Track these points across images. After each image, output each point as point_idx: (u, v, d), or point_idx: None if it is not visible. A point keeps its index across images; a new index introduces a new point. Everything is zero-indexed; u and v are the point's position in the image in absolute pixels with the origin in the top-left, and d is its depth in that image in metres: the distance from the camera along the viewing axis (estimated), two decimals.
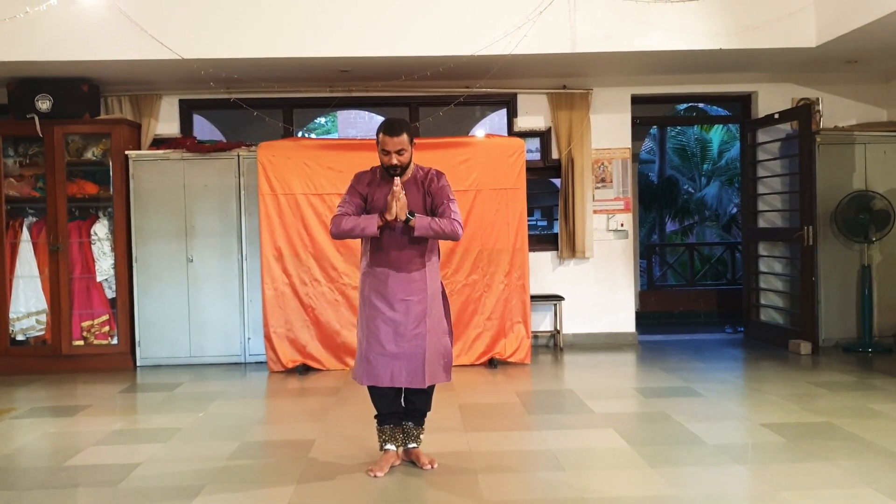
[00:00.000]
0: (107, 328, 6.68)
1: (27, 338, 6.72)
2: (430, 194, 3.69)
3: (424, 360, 3.62)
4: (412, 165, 3.72)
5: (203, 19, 6.02)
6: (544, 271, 7.26)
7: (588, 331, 7.32)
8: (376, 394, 3.75)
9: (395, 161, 3.60)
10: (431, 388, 3.82)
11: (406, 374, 3.63)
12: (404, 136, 3.60)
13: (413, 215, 3.56)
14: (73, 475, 3.86)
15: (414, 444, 3.83)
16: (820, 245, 6.82)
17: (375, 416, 3.82)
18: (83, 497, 3.58)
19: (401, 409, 3.81)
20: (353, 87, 7.14)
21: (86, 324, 6.65)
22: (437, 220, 3.61)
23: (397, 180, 3.57)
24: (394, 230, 3.63)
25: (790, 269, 7.25)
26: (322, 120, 16.46)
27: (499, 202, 6.46)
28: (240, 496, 3.50)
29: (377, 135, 3.67)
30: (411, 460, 3.82)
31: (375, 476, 3.65)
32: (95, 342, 6.64)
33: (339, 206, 3.72)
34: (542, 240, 7.81)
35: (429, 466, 3.75)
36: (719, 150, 15.47)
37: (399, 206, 3.51)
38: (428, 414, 3.89)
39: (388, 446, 3.77)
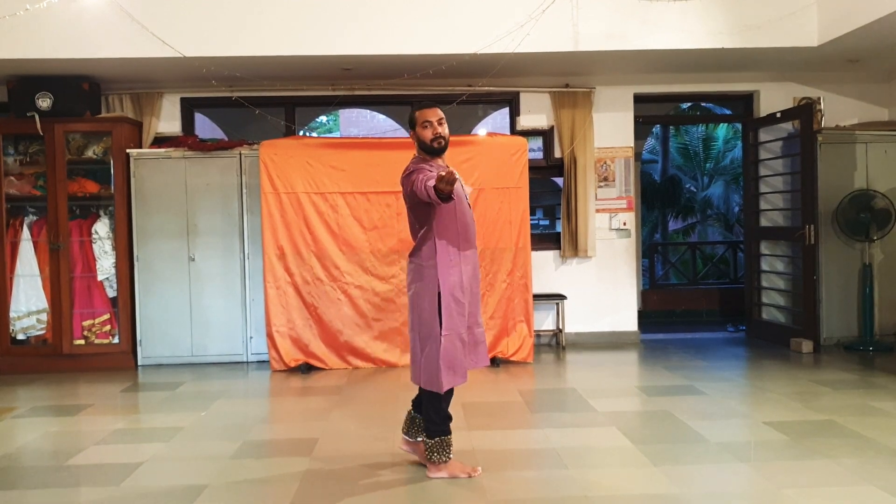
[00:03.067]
0: (108, 327, 6.67)
1: (28, 337, 6.71)
2: None
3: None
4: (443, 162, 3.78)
5: (205, 17, 6.02)
6: (547, 270, 7.26)
7: (590, 329, 7.32)
8: (450, 395, 3.68)
9: (439, 130, 3.58)
10: None
11: (481, 359, 3.79)
12: (441, 111, 3.66)
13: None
14: (75, 474, 3.86)
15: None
16: (821, 244, 6.82)
17: (444, 427, 3.64)
18: (85, 496, 3.57)
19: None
20: (355, 85, 7.13)
21: (87, 323, 6.64)
22: None
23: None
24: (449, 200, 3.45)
25: (792, 268, 7.24)
26: (324, 119, 16.45)
27: (501, 201, 6.46)
28: (242, 495, 3.50)
29: (413, 117, 3.68)
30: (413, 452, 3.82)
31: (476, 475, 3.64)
32: (96, 341, 6.64)
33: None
34: (545, 239, 7.80)
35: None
36: (723, 149, 15.46)
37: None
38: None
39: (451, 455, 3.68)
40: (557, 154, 7.27)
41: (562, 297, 7.13)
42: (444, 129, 3.61)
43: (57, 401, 5.58)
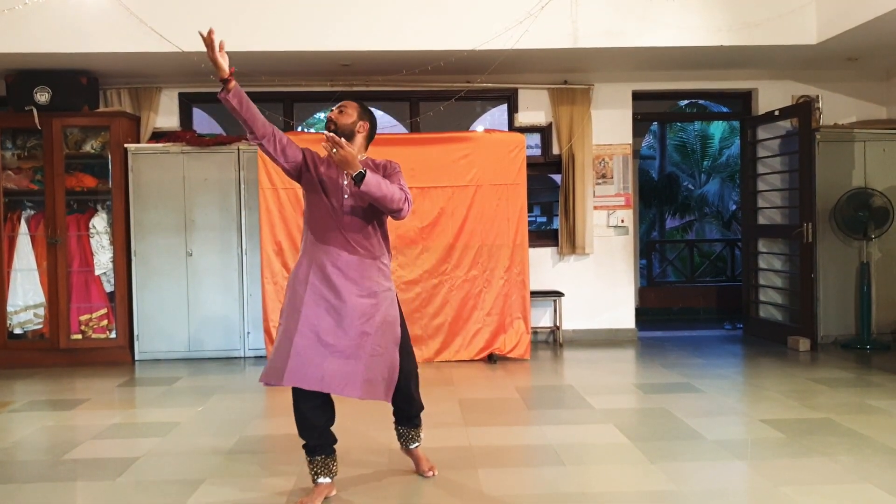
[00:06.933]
0: (105, 322, 6.67)
1: (25, 331, 6.70)
2: (386, 177, 3.28)
3: (363, 364, 3.18)
4: (364, 155, 3.37)
5: (203, 12, 5.99)
6: (544, 267, 7.26)
7: (588, 327, 7.32)
8: (300, 408, 3.24)
9: (332, 115, 3.32)
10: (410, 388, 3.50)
11: (337, 383, 3.14)
12: (355, 104, 3.37)
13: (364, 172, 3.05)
14: (72, 469, 3.85)
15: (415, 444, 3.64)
16: (819, 242, 6.82)
17: (304, 446, 3.30)
18: (82, 490, 3.56)
19: (332, 436, 3.33)
20: (353, 81, 7.12)
21: (84, 317, 6.63)
22: (385, 180, 3.15)
23: (330, 134, 3.10)
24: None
25: (789, 266, 7.25)
26: (321, 115, 16.39)
27: (499, 198, 6.46)
28: (239, 490, 3.49)
29: None
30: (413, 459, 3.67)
31: None
32: (94, 336, 6.63)
33: None
34: (542, 236, 7.80)
35: (430, 474, 3.60)
36: (720, 147, 15.48)
37: (343, 155, 2.99)
38: (422, 412, 3.66)
39: (321, 479, 3.30)
40: (555, 151, 7.26)
41: (559, 294, 7.13)
42: (342, 116, 3.31)
43: (54, 395, 5.57)
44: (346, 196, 3.25)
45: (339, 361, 3.15)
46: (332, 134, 3.07)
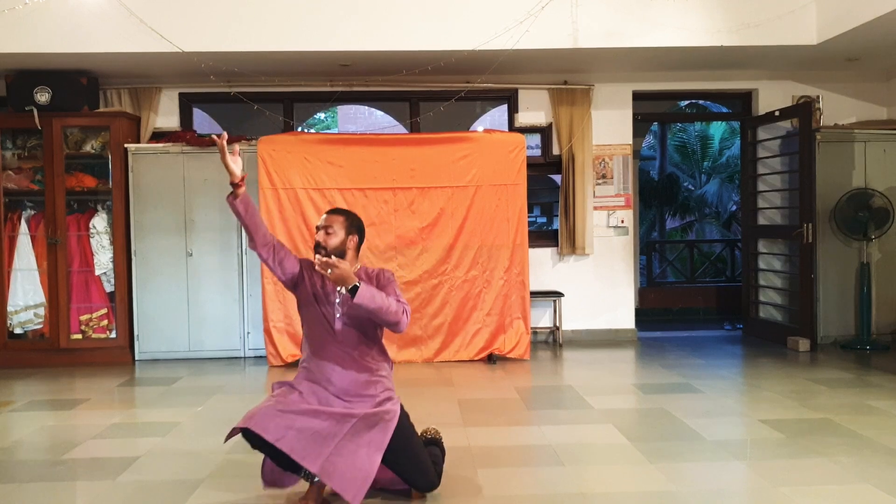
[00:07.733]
0: (105, 322, 6.67)
1: (25, 331, 6.71)
2: (381, 287, 3.26)
3: (336, 443, 3.06)
4: (358, 265, 3.36)
5: (203, 12, 6.01)
6: (544, 268, 7.27)
7: (587, 327, 7.32)
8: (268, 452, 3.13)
9: (319, 238, 3.28)
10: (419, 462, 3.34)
11: (301, 446, 3.00)
12: (341, 218, 3.32)
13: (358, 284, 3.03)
14: (72, 468, 3.85)
15: None
16: (819, 242, 6.82)
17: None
18: (81, 490, 3.57)
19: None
20: (353, 81, 7.13)
21: (84, 317, 6.63)
22: (380, 292, 3.12)
23: (322, 259, 3.07)
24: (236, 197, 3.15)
25: (789, 267, 7.25)
26: (322, 115, 16.41)
27: (499, 198, 6.46)
28: (239, 490, 3.49)
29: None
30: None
31: None
32: (94, 336, 6.63)
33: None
34: (542, 236, 7.80)
35: None
36: (720, 147, 15.49)
37: (338, 274, 2.99)
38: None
39: (316, 479, 3.22)
40: (556, 151, 7.27)
41: (559, 294, 7.13)
42: (329, 238, 3.26)
43: (54, 395, 5.57)
44: (338, 315, 3.26)
45: (315, 427, 3.06)
46: (324, 259, 3.04)
